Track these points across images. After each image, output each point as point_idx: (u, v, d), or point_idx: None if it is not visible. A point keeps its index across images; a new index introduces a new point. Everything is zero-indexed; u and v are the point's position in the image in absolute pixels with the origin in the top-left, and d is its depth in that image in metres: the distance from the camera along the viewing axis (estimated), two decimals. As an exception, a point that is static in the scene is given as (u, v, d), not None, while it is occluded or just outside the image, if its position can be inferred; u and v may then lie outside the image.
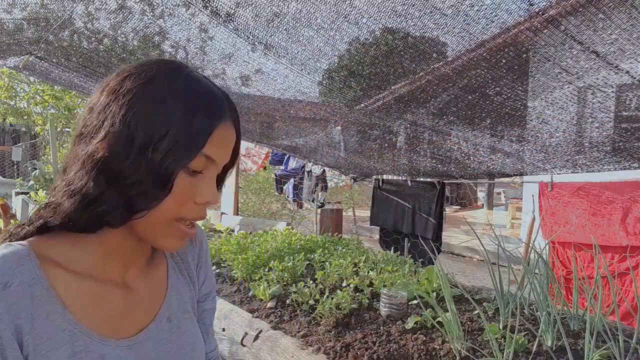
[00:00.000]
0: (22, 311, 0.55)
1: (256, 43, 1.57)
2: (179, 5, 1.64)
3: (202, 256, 0.81)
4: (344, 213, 4.29)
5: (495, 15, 1.07)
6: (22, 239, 0.62)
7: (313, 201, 6.56)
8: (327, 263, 2.24)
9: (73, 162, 0.60)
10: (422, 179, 3.50)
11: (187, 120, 0.58)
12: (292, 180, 6.84)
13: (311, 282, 1.96)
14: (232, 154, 0.67)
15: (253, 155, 7.83)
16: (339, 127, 2.81)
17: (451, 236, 8.41)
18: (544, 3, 1.03)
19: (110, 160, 0.57)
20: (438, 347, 1.45)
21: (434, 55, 1.37)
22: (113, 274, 0.66)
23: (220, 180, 0.70)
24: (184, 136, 0.58)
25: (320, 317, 1.69)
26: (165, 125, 0.57)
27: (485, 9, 1.05)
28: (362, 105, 2.09)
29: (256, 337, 1.62)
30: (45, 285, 0.58)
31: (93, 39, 2.14)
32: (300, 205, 7.38)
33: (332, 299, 1.76)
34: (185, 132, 0.58)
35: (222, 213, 4.51)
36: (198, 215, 0.65)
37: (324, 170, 6.28)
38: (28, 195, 5.38)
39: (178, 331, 0.71)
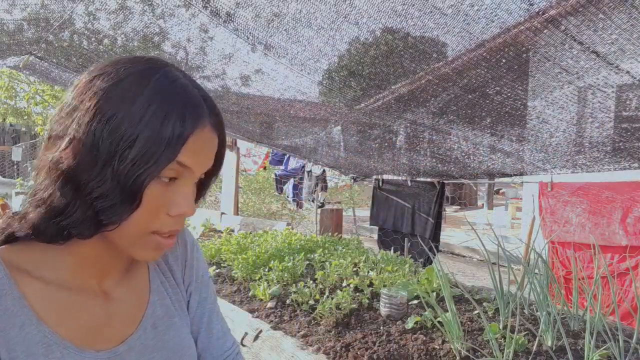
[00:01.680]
0: None
1: (256, 43, 1.57)
2: (179, 5, 1.64)
3: (189, 256, 0.76)
4: (344, 213, 4.29)
5: (495, 15, 1.07)
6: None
7: (313, 201, 6.56)
8: (327, 263, 2.24)
9: (42, 169, 0.55)
10: (422, 179, 3.50)
11: (157, 126, 0.52)
12: (292, 180, 6.85)
13: (311, 282, 1.96)
14: (215, 160, 0.61)
15: (253, 155, 7.82)
16: (338, 127, 2.81)
17: (451, 236, 8.41)
18: (544, 3, 1.03)
19: (75, 170, 0.52)
20: (438, 347, 1.45)
21: (434, 55, 1.37)
22: (88, 283, 0.62)
23: (203, 188, 0.65)
24: (154, 144, 0.52)
25: (320, 317, 1.69)
26: (133, 132, 0.51)
27: (485, 8, 1.05)
28: (362, 105, 2.09)
29: (256, 337, 1.62)
30: (16, 296, 0.54)
31: (93, 39, 2.14)
32: (300, 205, 7.38)
33: (332, 299, 1.76)
34: (155, 139, 0.52)
35: (222, 213, 4.51)
36: (173, 228, 0.58)
37: (324, 170, 6.28)
38: (28, 195, 5.37)
39: (164, 338, 0.67)
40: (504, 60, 1.28)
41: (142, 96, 0.52)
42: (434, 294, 1.84)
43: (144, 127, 0.51)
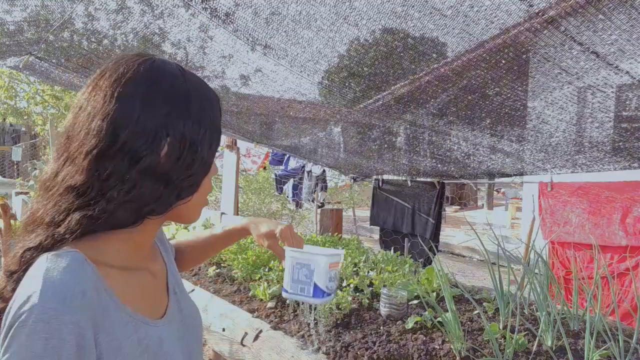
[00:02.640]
0: (97, 314, 0.59)
1: (256, 45, 1.58)
2: (178, 5, 1.64)
3: (162, 231, 0.92)
4: (344, 213, 4.29)
5: (495, 16, 1.07)
6: (53, 247, 0.62)
7: (313, 201, 6.56)
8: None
9: (110, 176, 0.62)
10: (422, 179, 3.50)
11: (216, 116, 0.71)
12: (292, 180, 6.85)
13: (311, 282, 1.95)
14: None
15: (253, 155, 7.82)
16: (338, 128, 2.81)
17: (451, 236, 8.41)
18: (544, 4, 1.03)
19: (168, 167, 0.64)
20: (438, 347, 1.46)
21: (434, 56, 1.37)
22: (141, 262, 0.73)
23: None
24: (217, 131, 0.72)
25: (320, 317, 1.69)
26: (205, 125, 0.68)
27: (485, 9, 1.05)
28: (362, 106, 2.09)
29: (256, 337, 1.62)
30: (104, 286, 0.61)
31: (93, 39, 2.14)
32: (299, 205, 7.38)
33: (332, 299, 1.76)
34: (218, 127, 0.72)
35: (222, 213, 4.51)
36: (211, 189, 0.77)
37: (324, 170, 6.28)
38: (28, 195, 5.37)
39: (181, 302, 0.80)
40: (503, 61, 1.28)
41: (201, 100, 0.69)
42: (434, 294, 1.84)
43: (209, 120, 0.69)
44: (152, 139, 0.63)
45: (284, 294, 1.07)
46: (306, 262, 1.03)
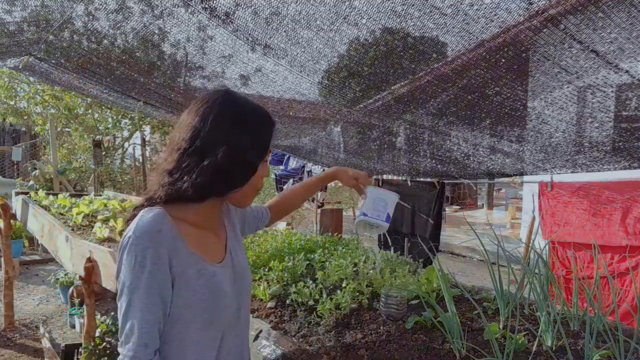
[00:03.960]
0: (170, 245, 0.93)
1: (255, 45, 1.57)
2: (178, 5, 1.64)
3: (233, 207, 1.25)
4: (344, 213, 4.29)
5: (495, 15, 1.07)
6: (150, 207, 0.96)
7: (313, 201, 6.56)
8: (327, 263, 2.24)
9: (188, 166, 0.96)
10: (422, 179, 3.50)
11: (265, 134, 1.04)
12: (292, 180, 6.84)
13: (311, 282, 1.95)
14: None
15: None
16: (338, 128, 2.81)
17: (451, 236, 8.41)
18: (544, 2, 1.03)
19: (223, 166, 0.96)
20: (438, 347, 1.45)
21: (434, 55, 1.37)
22: (207, 225, 1.06)
23: None
24: (263, 143, 1.04)
25: (320, 317, 1.69)
26: (254, 140, 1.01)
27: (485, 8, 1.05)
28: (362, 106, 2.09)
29: (256, 337, 1.62)
30: (176, 232, 0.95)
31: (93, 39, 2.14)
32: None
33: (332, 299, 1.76)
34: (264, 141, 1.04)
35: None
36: (261, 186, 1.10)
37: (324, 170, 6.27)
38: (28, 195, 5.37)
39: (236, 258, 1.12)
40: (503, 60, 1.27)
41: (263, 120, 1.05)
42: (434, 294, 1.84)
43: (261, 137, 1.04)
44: (213, 146, 0.95)
45: (362, 218, 1.45)
46: (384, 197, 1.48)
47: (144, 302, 0.90)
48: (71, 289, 4.40)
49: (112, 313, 3.09)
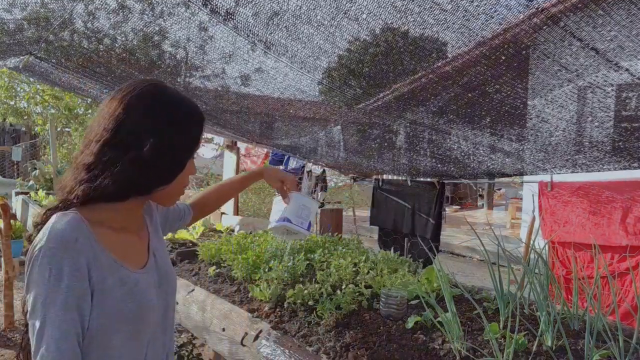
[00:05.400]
0: (88, 254, 0.85)
1: (256, 41, 1.57)
2: (178, 4, 1.64)
3: (154, 205, 1.19)
4: (344, 213, 4.28)
5: (495, 11, 1.07)
6: (65, 209, 0.89)
7: (313, 201, 6.54)
8: (327, 263, 2.23)
9: (109, 160, 0.89)
10: (422, 179, 3.49)
11: (195, 132, 0.98)
12: (292, 180, 6.83)
13: (310, 282, 1.95)
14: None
15: (252, 155, 7.82)
16: (338, 127, 2.81)
17: (451, 236, 8.40)
18: None
19: (148, 161, 0.91)
20: (438, 347, 1.45)
21: (434, 52, 1.37)
22: (128, 227, 1.00)
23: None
24: (193, 141, 0.99)
25: (320, 317, 1.68)
26: (183, 136, 0.96)
27: (485, 4, 1.05)
28: (362, 104, 2.09)
29: (256, 337, 1.62)
30: (95, 239, 0.88)
31: (93, 38, 2.14)
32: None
33: (332, 299, 1.76)
34: (194, 138, 0.99)
35: (222, 213, 4.50)
36: (187, 184, 1.04)
37: (323, 170, 6.28)
38: (28, 195, 5.37)
39: (160, 260, 1.07)
40: (503, 58, 1.27)
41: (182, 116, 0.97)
42: (434, 294, 1.83)
43: (191, 134, 0.99)
44: (139, 139, 0.88)
45: (283, 223, 1.41)
46: (308, 205, 1.45)
47: (62, 317, 0.80)
48: (71, 288, 4.40)
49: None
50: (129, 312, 0.90)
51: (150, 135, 0.88)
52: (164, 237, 1.30)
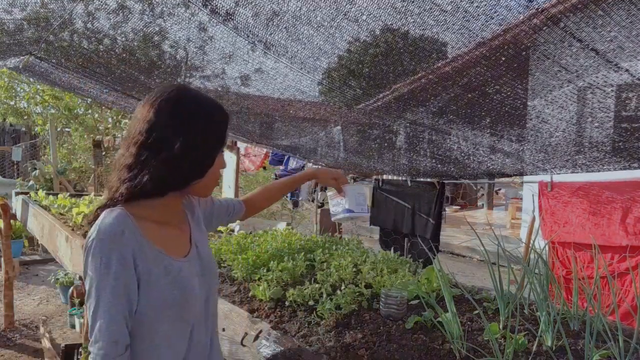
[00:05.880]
0: (134, 245, 0.96)
1: (256, 42, 1.57)
2: (178, 4, 1.64)
3: (196, 201, 1.29)
4: (344, 213, 4.27)
5: (495, 12, 1.07)
6: (113, 206, 0.99)
7: (313, 201, 6.55)
8: (327, 263, 2.23)
9: (146, 160, 0.99)
10: (421, 179, 3.49)
11: (220, 130, 1.07)
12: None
13: (310, 282, 1.95)
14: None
15: (252, 155, 7.81)
16: (338, 127, 2.81)
17: (451, 236, 8.40)
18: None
19: (179, 159, 1.01)
20: (438, 347, 1.45)
21: (434, 53, 1.37)
22: (172, 221, 1.11)
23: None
24: (219, 139, 1.08)
25: (320, 317, 1.69)
26: (209, 135, 1.05)
27: (485, 5, 1.05)
28: (362, 104, 2.09)
29: (256, 337, 1.62)
30: (140, 232, 0.98)
31: (93, 38, 2.14)
32: (295, 204, 7.37)
33: (332, 299, 1.76)
34: (219, 136, 1.08)
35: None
36: (219, 177, 1.15)
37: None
38: (28, 195, 5.36)
39: (202, 251, 1.16)
40: (503, 58, 1.27)
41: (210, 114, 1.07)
42: (434, 294, 1.84)
43: (216, 133, 1.08)
44: (169, 139, 0.97)
45: (347, 215, 1.65)
46: (361, 191, 1.64)
47: (111, 301, 0.93)
48: (71, 289, 4.40)
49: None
50: (173, 299, 1.00)
51: (179, 135, 0.97)
52: (214, 231, 1.41)
